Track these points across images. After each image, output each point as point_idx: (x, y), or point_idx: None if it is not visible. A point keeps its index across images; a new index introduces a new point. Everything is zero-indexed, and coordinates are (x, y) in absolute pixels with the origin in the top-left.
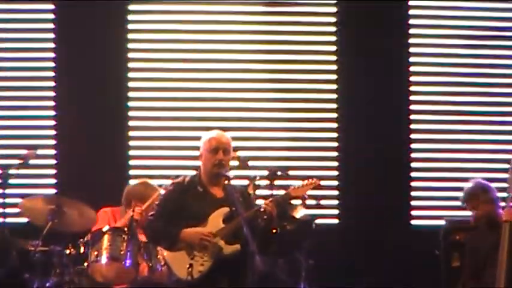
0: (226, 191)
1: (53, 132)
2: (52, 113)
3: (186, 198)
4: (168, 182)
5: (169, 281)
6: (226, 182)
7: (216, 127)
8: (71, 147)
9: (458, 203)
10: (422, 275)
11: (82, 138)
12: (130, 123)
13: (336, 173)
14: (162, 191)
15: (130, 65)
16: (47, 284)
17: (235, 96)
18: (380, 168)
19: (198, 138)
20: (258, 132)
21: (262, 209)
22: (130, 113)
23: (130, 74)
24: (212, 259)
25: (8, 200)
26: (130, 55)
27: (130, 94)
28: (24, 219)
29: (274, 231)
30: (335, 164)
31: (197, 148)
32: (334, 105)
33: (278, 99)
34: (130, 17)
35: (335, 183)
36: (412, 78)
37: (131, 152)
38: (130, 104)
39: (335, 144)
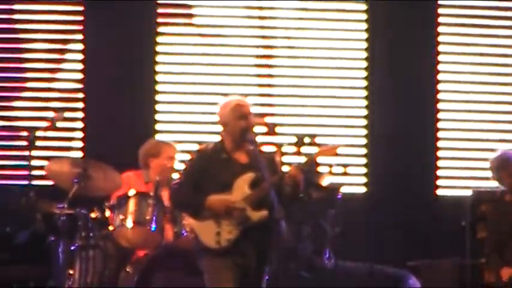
0: (251, 156)
1: (81, 95)
2: (80, 75)
3: (210, 166)
4: (195, 146)
5: (195, 247)
6: (251, 147)
7: (246, 93)
8: (99, 111)
9: (485, 174)
10: (448, 245)
11: (110, 101)
12: (158, 87)
13: (364, 141)
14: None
15: (160, 29)
16: (72, 248)
17: (265, 62)
18: (407, 137)
19: None
20: (286, 99)
21: (287, 175)
22: (158, 77)
23: (159, 39)
24: (239, 226)
25: (34, 162)
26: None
27: (158, 58)
28: (50, 182)
29: (300, 196)
30: (363, 132)
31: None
32: (363, 73)
33: (308, 66)
34: None
35: (363, 151)
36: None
37: (158, 117)
38: (158, 68)
39: (364, 112)
